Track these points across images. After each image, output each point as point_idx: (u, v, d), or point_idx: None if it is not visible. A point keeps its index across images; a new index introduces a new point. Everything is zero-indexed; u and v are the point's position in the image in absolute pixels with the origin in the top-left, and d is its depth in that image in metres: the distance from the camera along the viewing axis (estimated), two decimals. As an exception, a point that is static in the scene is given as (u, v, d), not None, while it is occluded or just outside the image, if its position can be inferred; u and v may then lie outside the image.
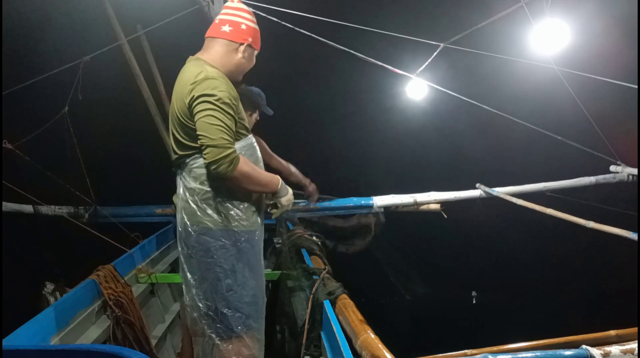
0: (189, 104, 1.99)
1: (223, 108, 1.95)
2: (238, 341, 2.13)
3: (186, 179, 2.12)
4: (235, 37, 2.13)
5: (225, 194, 2.09)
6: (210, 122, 1.92)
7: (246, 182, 2.05)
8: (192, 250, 2.12)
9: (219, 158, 1.92)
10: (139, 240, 3.57)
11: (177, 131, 2.11)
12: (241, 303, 2.12)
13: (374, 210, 4.45)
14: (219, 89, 1.97)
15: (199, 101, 1.95)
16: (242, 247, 2.12)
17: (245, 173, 2.01)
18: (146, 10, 3.89)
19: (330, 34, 3.98)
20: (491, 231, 6.35)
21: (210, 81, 1.98)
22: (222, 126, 1.94)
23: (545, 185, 4.53)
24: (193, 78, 2.00)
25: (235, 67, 2.17)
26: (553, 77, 4.02)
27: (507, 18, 3.88)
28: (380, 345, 1.84)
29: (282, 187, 2.23)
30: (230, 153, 1.93)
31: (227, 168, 1.93)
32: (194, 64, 2.10)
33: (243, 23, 2.15)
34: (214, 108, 1.93)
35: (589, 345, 1.54)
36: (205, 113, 1.93)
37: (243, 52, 2.15)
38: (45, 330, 2.18)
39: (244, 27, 2.14)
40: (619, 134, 4.48)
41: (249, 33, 2.16)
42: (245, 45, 2.14)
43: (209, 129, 1.92)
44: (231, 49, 2.14)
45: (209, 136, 1.92)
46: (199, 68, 2.04)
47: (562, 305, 5.30)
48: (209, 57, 2.13)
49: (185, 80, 2.05)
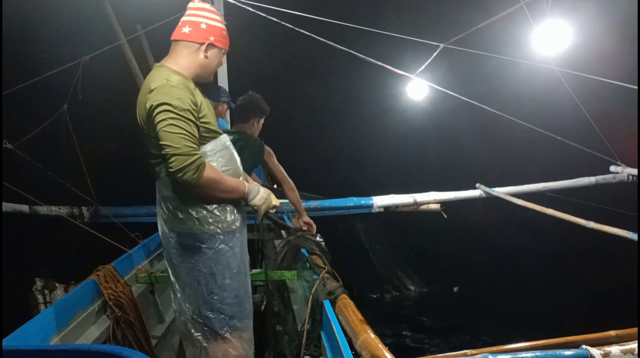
0: (148, 114, 1.96)
1: (182, 115, 1.92)
2: (224, 342, 2.13)
3: (160, 188, 2.13)
4: (196, 38, 2.08)
5: (198, 198, 2.07)
6: (172, 131, 1.90)
7: (213, 188, 2.03)
8: (172, 256, 2.13)
9: (184, 166, 1.89)
10: (139, 240, 3.56)
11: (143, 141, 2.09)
12: (223, 305, 2.11)
13: (374, 210, 4.45)
14: (177, 97, 1.93)
15: (157, 110, 1.92)
16: (220, 249, 2.10)
17: (212, 179, 1.99)
18: (146, 10, 3.89)
19: (331, 35, 3.99)
20: (491, 231, 6.36)
21: (167, 88, 1.94)
22: (184, 133, 1.91)
23: (545, 185, 4.53)
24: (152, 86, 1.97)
25: (201, 69, 2.11)
26: (553, 77, 4.02)
27: (507, 19, 3.89)
28: (380, 345, 1.84)
29: (250, 190, 2.18)
30: (195, 160, 1.91)
31: (193, 175, 1.91)
32: (156, 71, 2.07)
33: (203, 22, 2.09)
34: (173, 116, 1.90)
35: (589, 345, 1.54)
36: (165, 122, 1.90)
37: (205, 52, 2.08)
38: (45, 330, 2.17)
39: (204, 27, 2.09)
40: (619, 134, 4.48)
41: (210, 32, 2.10)
42: (206, 44, 2.08)
43: (172, 138, 1.89)
44: (192, 50, 2.09)
45: (172, 145, 1.89)
46: (159, 75, 2.02)
47: (562, 305, 5.29)
48: (172, 63, 2.09)
49: (145, 89, 2.03)
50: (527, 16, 3.74)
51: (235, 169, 2.19)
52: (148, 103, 1.95)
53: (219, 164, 2.10)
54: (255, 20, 3.89)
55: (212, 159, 2.08)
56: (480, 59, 4.40)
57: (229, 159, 2.16)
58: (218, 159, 2.11)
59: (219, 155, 2.12)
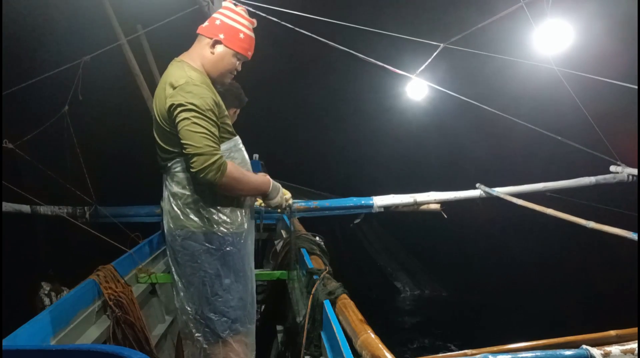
0: (168, 110, 1.96)
1: (206, 115, 1.91)
2: (225, 346, 2.11)
3: (170, 184, 2.10)
4: (207, 32, 2.07)
5: (209, 198, 2.05)
6: (194, 130, 1.89)
7: (236, 187, 2.02)
8: (177, 254, 2.11)
9: (206, 166, 1.88)
10: (139, 240, 3.56)
11: (158, 135, 2.08)
12: (227, 308, 2.10)
13: (374, 210, 4.45)
14: (200, 96, 1.92)
15: (180, 109, 1.91)
16: (227, 251, 2.08)
17: (235, 178, 1.98)
18: (146, 10, 3.89)
19: (331, 35, 3.98)
20: (491, 231, 6.36)
21: (191, 87, 1.93)
22: (206, 133, 1.89)
23: (545, 185, 4.53)
24: (174, 83, 1.96)
25: (209, 65, 2.07)
26: (553, 77, 4.02)
27: (508, 19, 3.89)
28: (380, 345, 1.84)
29: (272, 189, 2.19)
30: (216, 160, 1.90)
31: (215, 175, 1.90)
32: (176, 67, 2.06)
33: (219, 19, 2.07)
34: (196, 116, 1.90)
35: (589, 345, 1.54)
36: (188, 121, 1.90)
37: (212, 48, 2.06)
38: (45, 330, 2.17)
39: (218, 23, 2.06)
40: (619, 134, 4.48)
41: (222, 29, 2.05)
42: (213, 40, 2.05)
43: (194, 138, 1.89)
44: (203, 44, 2.07)
45: (194, 145, 1.89)
46: (180, 72, 2.00)
47: (562, 305, 5.29)
48: (187, 56, 2.09)
49: (164, 83, 2.02)
50: (527, 16, 3.74)
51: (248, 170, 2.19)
52: (170, 100, 1.95)
53: None
54: (256, 20, 3.89)
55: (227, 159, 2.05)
56: (480, 59, 4.41)
57: (241, 161, 2.16)
58: (233, 160, 2.09)
59: (234, 156, 2.12)
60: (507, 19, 3.89)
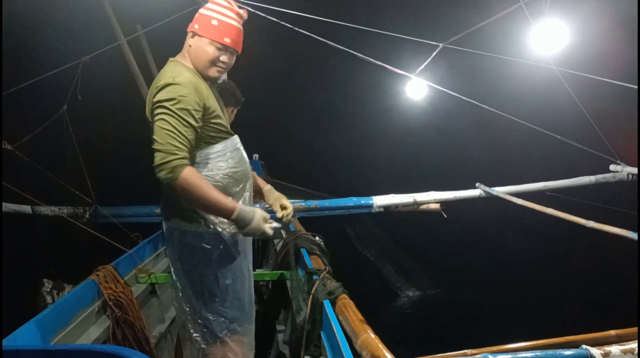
0: (150, 111, 1.96)
1: (178, 114, 1.87)
2: (223, 346, 2.10)
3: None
4: (188, 27, 2.06)
5: None
6: (162, 126, 1.87)
7: (192, 195, 1.88)
8: (175, 253, 2.10)
9: (160, 163, 1.84)
10: (139, 240, 3.56)
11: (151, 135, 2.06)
12: (224, 308, 2.09)
13: (374, 210, 4.45)
14: (179, 94, 1.89)
15: (156, 106, 1.91)
16: (225, 251, 2.07)
17: (191, 185, 1.85)
18: (146, 10, 3.89)
19: (330, 34, 3.98)
20: (491, 231, 6.36)
21: (172, 86, 1.91)
22: (173, 131, 1.86)
23: (545, 185, 4.53)
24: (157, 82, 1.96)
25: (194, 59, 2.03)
26: (552, 77, 4.03)
27: (506, 18, 3.89)
28: (380, 345, 1.84)
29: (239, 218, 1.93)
30: (172, 160, 1.83)
31: (167, 174, 1.83)
32: (167, 67, 2.05)
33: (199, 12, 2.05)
34: (168, 113, 1.87)
35: (589, 345, 1.54)
36: (158, 117, 1.89)
37: (190, 40, 2.03)
38: (45, 330, 2.17)
39: (196, 15, 2.05)
40: (618, 133, 4.49)
41: (197, 20, 2.02)
42: (190, 32, 2.03)
43: (159, 133, 1.87)
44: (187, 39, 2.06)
45: (157, 141, 1.87)
46: (169, 71, 1.99)
47: (562, 305, 5.30)
48: (182, 56, 2.08)
49: (154, 85, 2.01)
50: (526, 16, 3.75)
51: (244, 171, 2.15)
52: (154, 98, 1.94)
53: (228, 164, 2.07)
54: (255, 20, 3.90)
55: (222, 160, 2.05)
56: (479, 59, 4.41)
57: (238, 161, 2.13)
58: (228, 159, 2.07)
59: (230, 156, 2.09)
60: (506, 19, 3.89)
